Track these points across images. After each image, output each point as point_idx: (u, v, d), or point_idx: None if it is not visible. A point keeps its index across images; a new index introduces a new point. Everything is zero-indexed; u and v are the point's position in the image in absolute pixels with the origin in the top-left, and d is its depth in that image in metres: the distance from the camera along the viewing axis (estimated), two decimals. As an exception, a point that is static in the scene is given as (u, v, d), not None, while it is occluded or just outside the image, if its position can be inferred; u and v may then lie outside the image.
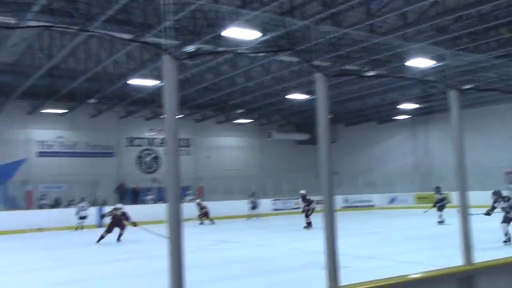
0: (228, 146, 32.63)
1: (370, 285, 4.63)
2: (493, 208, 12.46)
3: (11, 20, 12.37)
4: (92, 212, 21.33)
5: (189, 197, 26.62)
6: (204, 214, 21.98)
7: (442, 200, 17.93)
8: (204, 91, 23.79)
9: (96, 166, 27.38)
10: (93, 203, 24.46)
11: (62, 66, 19.97)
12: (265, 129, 33.05)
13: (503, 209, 12.12)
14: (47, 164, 26.20)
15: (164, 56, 3.60)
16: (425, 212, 17.64)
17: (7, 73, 20.19)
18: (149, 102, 24.96)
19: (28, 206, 23.40)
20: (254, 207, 24.91)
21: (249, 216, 24.45)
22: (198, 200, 23.32)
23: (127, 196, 26.72)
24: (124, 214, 15.58)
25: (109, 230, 15.33)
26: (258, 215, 24.68)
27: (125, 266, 10.74)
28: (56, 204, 24.33)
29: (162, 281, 3.80)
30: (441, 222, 17.36)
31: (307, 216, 18.43)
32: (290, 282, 8.08)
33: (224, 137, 32.42)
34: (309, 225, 18.13)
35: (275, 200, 28.30)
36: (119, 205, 16.71)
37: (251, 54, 17.87)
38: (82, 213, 20.59)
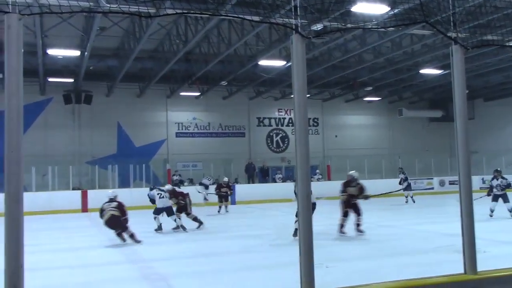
0: (356, 124, 32.01)
1: (510, 272, 4.31)
2: (491, 187, 14.00)
3: (151, 10, 13.25)
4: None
5: (317, 176, 26.71)
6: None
7: None
8: (332, 69, 23.53)
9: (229, 145, 28.54)
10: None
11: (196, 51, 21.06)
12: (395, 107, 31.86)
13: (497, 186, 13.73)
14: (184, 144, 27.94)
15: (293, 36, 3.61)
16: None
17: (148, 59, 21.82)
18: (278, 83, 25.36)
19: (168, 183, 25.13)
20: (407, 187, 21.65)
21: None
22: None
23: (255, 174, 27.61)
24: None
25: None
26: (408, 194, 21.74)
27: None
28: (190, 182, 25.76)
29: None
30: None
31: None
32: (424, 264, 7.77)
33: (352, 116, 31.85)
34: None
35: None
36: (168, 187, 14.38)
37: (381, 29, 17.23)
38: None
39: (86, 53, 18.44)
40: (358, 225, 11.26)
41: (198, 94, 26.97)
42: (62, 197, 21.04)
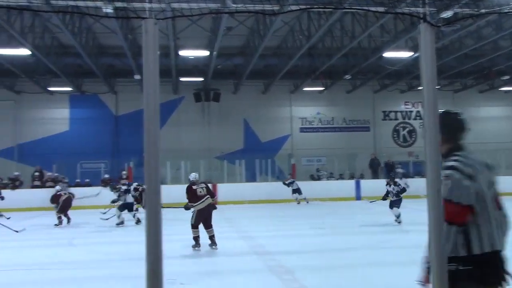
0: (491, 116, 29.69)
1: None
2: (387, 192, 13.65)
3: (275, 7, 13.48)
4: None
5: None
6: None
7: None
8: (464, 58, 22.10)
9: (353, 140, 28.13)
10: (351, 176, 25.43)
11: (319, 45, 21.02)
12: (539, 97, 29.10)
13: (391, 193, 13.43)
14: (308, 139, 28.07)
15: (420, 25, 3.46)
16: None
17: (272, 56, 22.24)
18: (404, 74, 24.43)
19: (293, 178, 25.44)
20: None
21: None
22: None
23: (380, 170, 26.85)
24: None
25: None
26: None
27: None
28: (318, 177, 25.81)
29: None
30: None
31: None
32: None
33: (486, 107, 29.62)
34: None
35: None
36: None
37: (520, 13, 15.81)
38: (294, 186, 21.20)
39: (214, 52, 19.29)
40: None
41: (321, 88, 26.91)
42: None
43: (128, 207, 14.49)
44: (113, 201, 14.82)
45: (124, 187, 14.86)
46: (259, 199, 21.40)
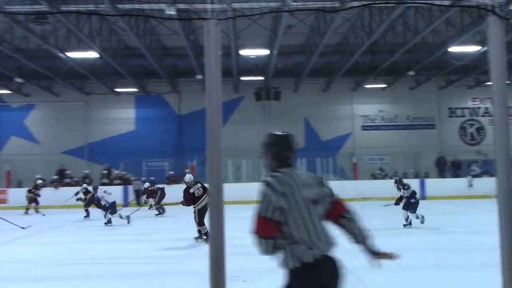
0: None
1: None
2: (401, 197, 12.82)
3: (336, 4, 13.34)
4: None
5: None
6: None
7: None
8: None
9: (417, 138, 27.37)
10: (415, 175, 24.77)
11: (381, 42, 20.61)
12: None
13: (404, 196, 12.68)
14: (370, 137, 27.58)
15: (489, 18, 3.32)
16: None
17: (332, 53, 21.99)
18: (471, 70, 23.48)
19: (355, 177, 25.12)
20: None
21: None
22: None
23: (447, 169, 26.00)
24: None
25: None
26: None
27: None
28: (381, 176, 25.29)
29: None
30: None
31: None
32: None
33: None
34: None
35: None
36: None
37: None
38: None
39: (274, 51, 19.33)
40: None
41: (384, 85, 26.36)
42: (254, 189, 22.36)
43: (111, 207, 14.69)
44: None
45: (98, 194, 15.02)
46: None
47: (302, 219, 2.94)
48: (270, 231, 2.92)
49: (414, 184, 22.43)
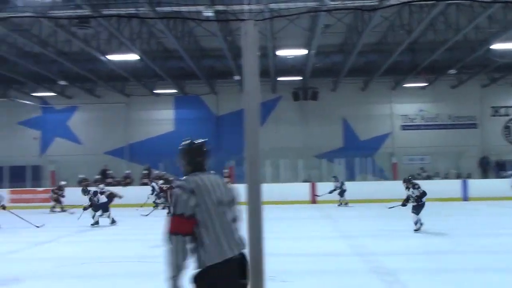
0: None
1: None
2: (408, 197, 12.33)
3: (374, 2, 13.18)
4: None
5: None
6: None
7: None
8: None
9: (459, 137, 26.70)
10: (457, 176, 24.19)
11: (421, 40, 20.25)
12: None
13: (412, 197, 12.08)
14: (410, 137, 27.09)
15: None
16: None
17: (371, 52, 21.71)
18: (516, 67, 22.81)
19: (394, 177, 24.72)
20: None
21: None
22: None
23: (491, 169, 25.28)
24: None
25: None
26: None
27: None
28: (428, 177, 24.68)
29: None
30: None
31: None
32: None
33: None
34: None
35: None
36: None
37: None
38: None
39: (312, 51, 19.24)
40: None
41: (424, 84, 25.85)
42: (293, 189, 22.38)
43: (102, 207, 14.77)
44: (85, 208, 14.88)
45: (94, 189, 14.99)
46: (357, 199, 21.02)
47: (211, 218, 3.10)
48: (185, 228, 3.07)
49: (456, 184, 22.10)
